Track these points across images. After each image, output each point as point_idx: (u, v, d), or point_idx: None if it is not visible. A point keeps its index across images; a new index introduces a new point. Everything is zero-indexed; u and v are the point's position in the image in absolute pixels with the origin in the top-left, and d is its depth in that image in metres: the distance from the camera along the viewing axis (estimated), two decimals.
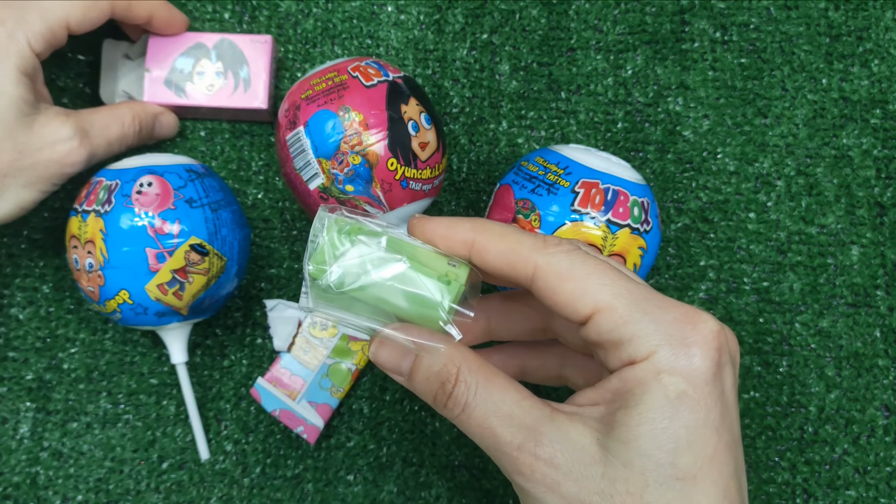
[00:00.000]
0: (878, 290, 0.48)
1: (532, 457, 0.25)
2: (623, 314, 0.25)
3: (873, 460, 0.46)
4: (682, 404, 0.24)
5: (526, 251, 0.26)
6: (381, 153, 0.39)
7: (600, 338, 0.26)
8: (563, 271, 0.26)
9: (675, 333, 0.25)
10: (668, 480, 0.24)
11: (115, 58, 0.48)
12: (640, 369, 0.25)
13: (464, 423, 0.26)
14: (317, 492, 0.46)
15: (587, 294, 0.25)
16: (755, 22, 0.51)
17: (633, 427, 0.24)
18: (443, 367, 0.26)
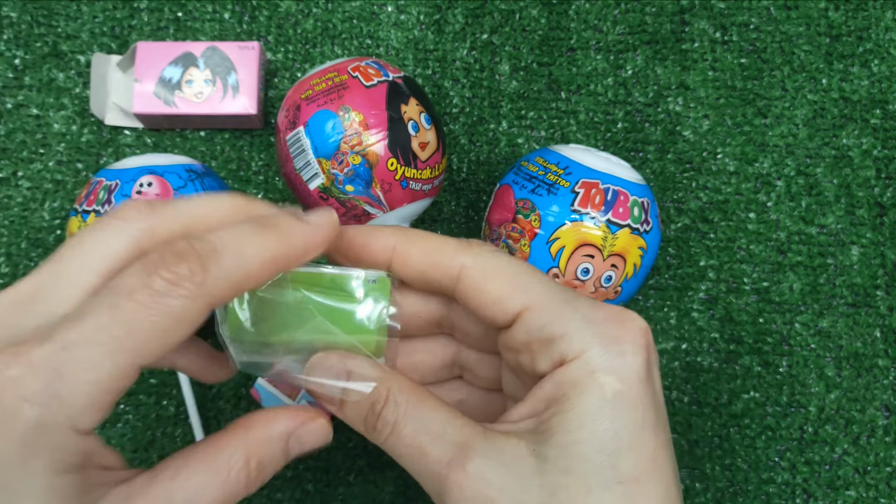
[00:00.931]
0: (878, 290, 0.48)
1: (462, 473, 0.23)
2: (554, 310, 0.25)
3: (873, 460, 0.46)
4: (620, 404, 0.23)
5: (451, 251, 0.26)
6: (381, 153, 0.39)
7: (529, 336, 0.25)
8: (490, 269, 0.25)
9: (606, 331, 0.24)
10: (610, 484, 0.23)
11: (104, 70, 0.49)
12: (574, 369, 0.24)
13: (393, 445, 0.25)
14: (317, 492, 0.46)
15: (516, 291, 0.25)
16: (755, 22, 0.51)
17: (572, 431, 0.23)
18: (372, 390, 0.25)
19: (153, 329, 0.21)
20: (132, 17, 0.51)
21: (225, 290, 0.23)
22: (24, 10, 0.50)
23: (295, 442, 0.25)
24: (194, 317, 0.22)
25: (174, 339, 0.22)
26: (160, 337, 0.21)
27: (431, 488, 0.24)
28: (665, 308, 0.48)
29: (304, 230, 0.24)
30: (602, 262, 0.39)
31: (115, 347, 0.21)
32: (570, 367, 0.24)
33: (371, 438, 0.25)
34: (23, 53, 0.50)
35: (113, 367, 0.21)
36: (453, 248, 0.26)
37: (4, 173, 0.49)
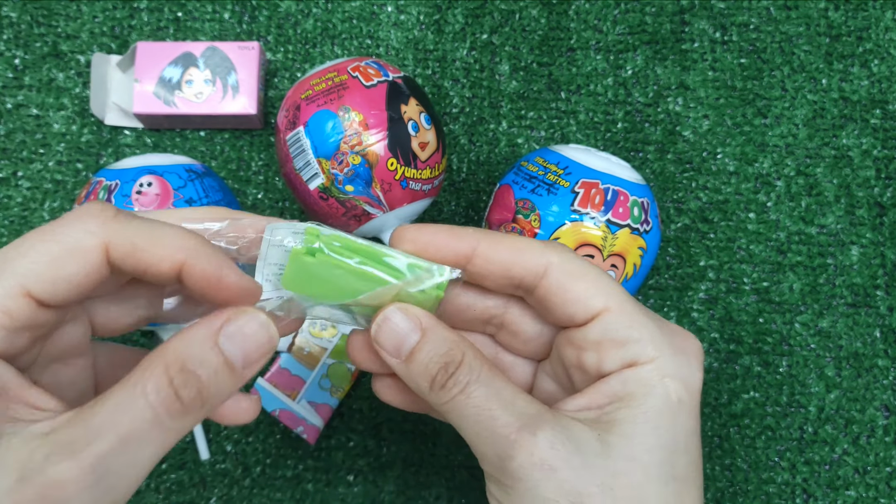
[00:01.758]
0: (878, 290, 0.48)
1: (532, 439, 0.24)
2: (632, 316, 0.26)
3: (873, 460, 0.46)
4: (682, 410, 0.25)
5: (538, 248, 0.27)
6: (380, 153, 0.39)
7: (604, 336, 0.26)
8: (576, 269, 0.27)
9: (675, 343, 0.26)
10: (667, 479, 0.25)
11: (104, 71, 0.49)
12: (645, 371, 0.25)
13: (460, 405, 0.25)
14: (317, 492, 0.46)
15: (599, 293, 0.26)
16: (755, 22, 0.51)
17: (638, 424, 0.25)
18: (448, 350, 0.26)
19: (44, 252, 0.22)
20: (132, 17, 0.51)
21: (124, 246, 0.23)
22: (24, 10, 0.50)
23: (227, 341, 0.23)
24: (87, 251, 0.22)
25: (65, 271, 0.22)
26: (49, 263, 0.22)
27: (492, 450, 0.25)
28: (665, 308, 0.48)
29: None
30: (602, 262, 0.39)
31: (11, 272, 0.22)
32: (642, 368, 0.26)
33: (431, 396, 0.26)
34: (23, 53, 0.50)
35: (2, 289, 0.22)
36: (540, 246, 0.27)
37: (4, 173, 0.49)
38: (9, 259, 0.22)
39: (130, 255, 0.23)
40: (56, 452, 0.21)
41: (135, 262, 0.23)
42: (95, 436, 0.21)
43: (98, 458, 0.21)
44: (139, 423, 0.21)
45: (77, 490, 0.21)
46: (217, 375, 0.23)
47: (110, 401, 0.22)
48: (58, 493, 0.20)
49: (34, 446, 0.21)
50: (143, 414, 0.22)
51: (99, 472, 0.21)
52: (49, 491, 0.20)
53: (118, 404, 0.22)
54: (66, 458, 0.21)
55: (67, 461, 0.21)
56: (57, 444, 0.21)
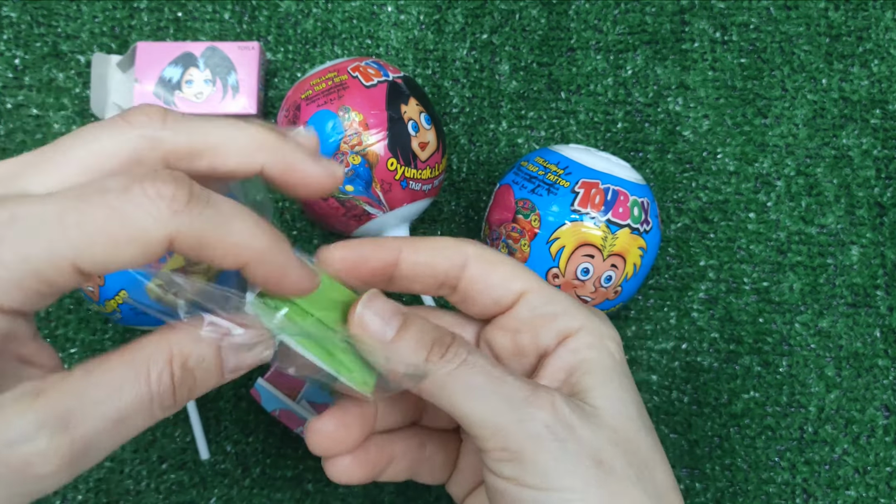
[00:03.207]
0: (878, 290, 0.48)
1: (551, 399, 0.25)
2: (551, 293, 0.28)
3: (873, 460, 0.46)
4: (623, 365, 0.27)
5: (454, 243, 0.28)
6: (380, 153, 0.39)
7: (533, 313, 0.28)
8: (492, 258, 0.28)
9: (591, 309, 0.28)
10: (647, 429, 0.27)
11: (104, 70, 0.49)
12: (586, 336, 0.27)
13: (464, 374, 0.25)
14: (317, 492, 0.46)
15: (517, 276, 0.28)
16: (755, 22, 0.51)
17: (607, 386, 0.26)
18: (437, 327, 0.27)
19: (104, 232, 0.20)
20: (132, 17, 0.51)
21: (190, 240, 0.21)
22: (24, 10, 0.50)
23: (229, 347, 0.23)
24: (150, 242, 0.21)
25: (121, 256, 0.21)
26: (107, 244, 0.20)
27: (505, 417, 0.25)
28: (665, 308, 0.48)
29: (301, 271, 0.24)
30: (602, 261, 0.39)
31: (58, 234, 0.20)
32: (581, 335, 0.27)
33: (428, 367, 0.25)
34: (23, 53, 0.50)
35: (48, 253, 0.20)
36: (455, 241, 0.29)
37: None
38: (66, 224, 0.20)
39: (194, 250, 0.22)
40: (46, 425, 0.20)
41: (196, 256, 0.22)
42: (89, 414, 0.21)
43: (88, 436, 0.20)
44: (135, 409, 0.21)
45: (58, 470, 0.20)
46: (207, 375, 0.23)
47: (112, 377, 0.21)
48: (41, 470, 0.20)
49: (25, 409, 0.20)
50: (141, 401, 0.21)
51: (84, 450, 0.21)
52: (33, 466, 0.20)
53: (117, 386, 0.21)
54: (59, 435, 0.20)
55: (60, 438, 0.20)
56: (51, 415, 0.20)
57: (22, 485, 0.20)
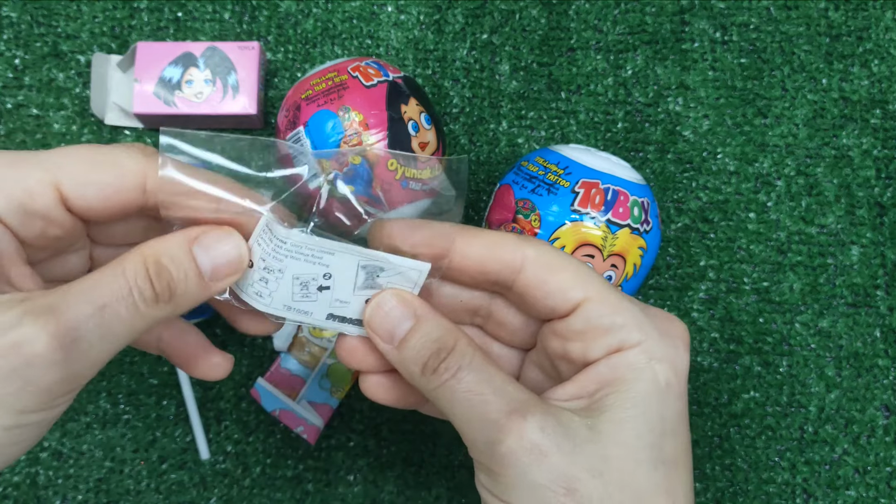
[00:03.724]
0: (878, 290, 0.48)
1: (523, 422, 0.24)
2: (614, 303, 0.26)
3: (873, 460, 0.46)
4: (670, 392, 0.25)
5: (513, 243, 0.27)
6: (381, 153, 0.39)
7: (587, 325, 0.26)
8: (554, 262, 0.27)
9: (659, 326, 0.26)
10: (656, 463, 0.25)
11: (104, 70, 0.49)
12: (632, 355, 0.25)
13: (451, 390, 0.25)
14: (317, 492, 0.46)
15: (578, 284, 0.26)
16: (755, 22, 0.51)
17: (627, 409, 0.25)
18: (441, 336, 0.26)
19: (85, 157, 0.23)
20: (132, 17, 0.51)
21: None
22: (24, 10, 0.50)
23: (200, 250, 0.24)
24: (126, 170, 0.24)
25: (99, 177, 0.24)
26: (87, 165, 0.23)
27: (481, 435, 0.25)
28: (665, 308, 0.48)
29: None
30: (602, 261, 0.39)
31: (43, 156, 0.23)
32: (629, 353, 0.25)
33: (421, 381, 0.26)
34: (23, 53, 0.50)
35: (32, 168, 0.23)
36: (515, 240, 0.27)
37: None
38: (56, 152, 0.23)
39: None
40: (31, 312, 0.21)
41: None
42: (72, 302, 0.22)
43: (73, 321, 0.22)
44: (115, 297, 0.23)
45: (49, 349, 0.21)
46: (187, 278, 0.24)
47: (90, 277, 0.23)
48: (29, 349, 0.21)
49: (10, 306, 0.21)
50: (120, 290, 0.23)
51: (72, 336, 0.21)
52: (20, 348, 0.21)
53: (96, 280, 0.23)
54: (41, 318, 0.21)
55: (42, 320, 0.21)
56: (33, 307, 0.21)
57: (19, 369, 0.21)
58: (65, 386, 0.22)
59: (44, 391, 0.22)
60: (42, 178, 0.23)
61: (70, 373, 0.22)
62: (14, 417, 0.21)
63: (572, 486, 0.23)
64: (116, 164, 0.24)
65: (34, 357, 0.21)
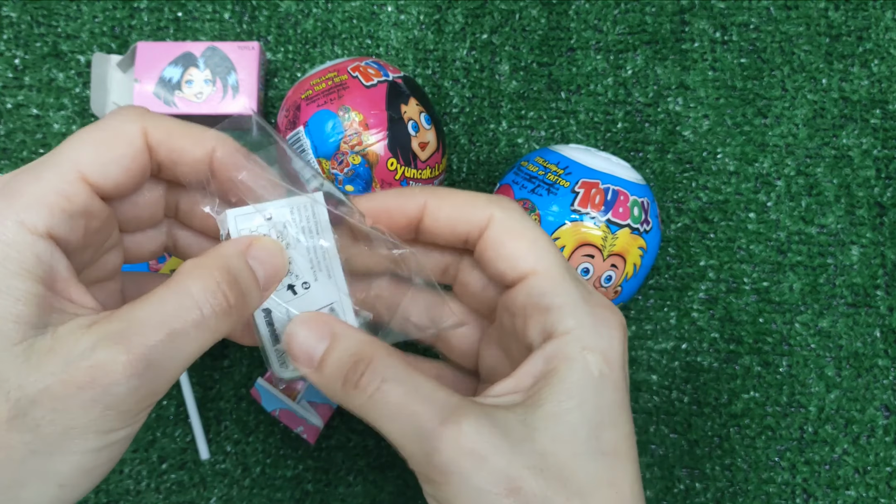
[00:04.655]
0: (878, 290, 0.48)
1: (457, 429, 0.23)
2: (558, 281, 0.26)
3: (873, 460, 0.46)
4: (605, 383, 0.25)
5: (483, 202, 0.27)
6: (381, 153, 0.39)
7: (528, 300, 0.26)
8: (514, 227, 0.27)
9: (596, 313, 0.26)
10: (595, 454, 0.24)
11: (105, 70, 0.49)
12: (565, 342, 0.25)
13: (376, 404, 0.25)
14: (317, 492, 0.46)
15: (530, 253, 0.26)
16: (755, 22, 0.51)
17: (562, 402, 0.24)
18: (359, 348, 0.26)
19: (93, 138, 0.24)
20: (132, 17, 0.51)
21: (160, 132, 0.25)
22: (24, 10, 0.50)
23: (253, 261, 0.25)
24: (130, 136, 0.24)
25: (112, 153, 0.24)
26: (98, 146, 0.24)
27: (416, 448, 0.24)
28: (665, 308, 0.48)
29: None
30: (602, 261, 0.39)
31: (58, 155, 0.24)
32: (561, 341, 0.25)
33: (348, 399, 0.25)
34: (23, 53, 0.50)
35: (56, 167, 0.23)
36: (485, 199, 0.27)
37: (4, 173, 0.49)
38: (63, 149, 0.24)
39: (166, 141, 0.25)
40: (103, 340, 0.22)
41: (170, 147, 0.25)
42: (144, 328, 0.22)
43: (147, 349, 0.22)
44: (184, 321, 0.23)
45: (125, 376, 0.22)
46: (250, 289, 0.25)
47: (154, 299, 0.23)
48: (105, 377, 0.21)
49: (80, 335, 0.22)
50: (189, 313, 0.23)
51: (146, 362, 0.22)
52: (97, 374, 0.21)
53: (164, 302, 0.23)
54: (114, 346, 0.22)
55: (116, 348, 0.22)
56: (104, 334, 0.22)
57: (98, 397, 0.22)
58: (142, 404, 0.23)
59: (124, 412, 0.22)
60: (69, 177, 0.23)
61: (145, 393, 0.23)
62: (101, 439, 0.22)
63: (514, 486, 0.23)
64: (121, 133, 0.25)
65: (111, 385, 0.22)
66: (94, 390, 0.21)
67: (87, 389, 0.21)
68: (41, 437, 0.21)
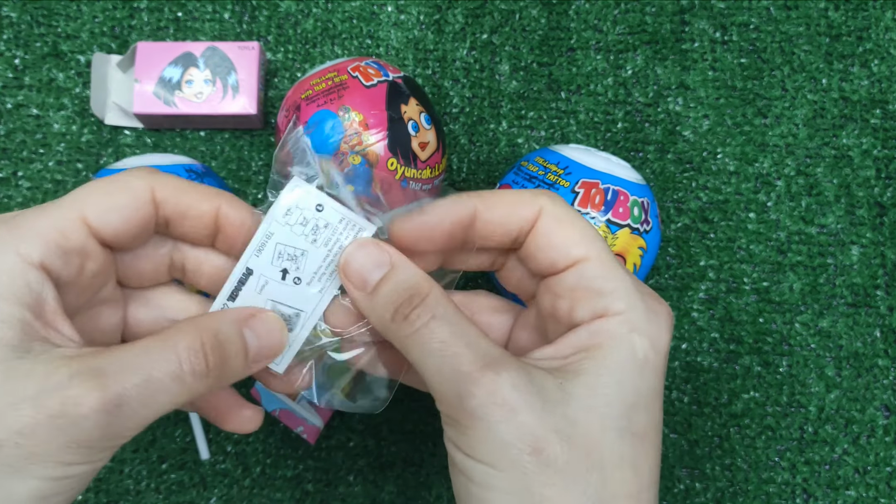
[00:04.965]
0: (878, 290, 0.48)
1: (495, 377, 0.24)
2: (610, 268, 0.26)
3: (873, 460, 0.46)
4: (647, 367, 0.25)
5: (530, 196, 0.27)
6: (380, 153, 0.39)
7: (579, 283, 0.26)
8: (563, 216, 0.27)
9: (647, 302, 0.26)
10: (623, 433, 0.24)
11: (105, 70, 0.49)
12: (614, 322, 0.25)
13: (423, 339, 0.25)
14: (317, 492, 0.46)
15: (582, 241, 0.26)
16: (755, 22, 0.51)
17: (601, 375, 0.25)
18: (415, 283, 0.26)
19: (100, 189, 0.25)
20: (132, 17, 0.51)
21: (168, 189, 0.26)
22: (24, 10, 0.50)
23: (250, 332, 0.26)
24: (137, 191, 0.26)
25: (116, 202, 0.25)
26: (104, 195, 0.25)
27: (452, 388, 0.24)
28: None
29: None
30: None
31: (67, 199, 0.25)
32: (612, 320, 0.25)
33: (392, 329, 0.26)
34: (23, 53, 0.50)
35: (60, 209, 0.25)
36: (531, 194, 0.27)
37: (4, 173, 0.49)
38: (72, 193, 0.25)
39: (173, 197, 0.26)
40: (80, 374, 0.22)
41: (176, 202, 0.26)
42: (123, 369, 0.23)
43: (120, 388, 0.23)
44: (163, 371, 0.23)
45: (95, 412, 0.22)
46: (235, 357, 0.26)
47: (139, 346, 0.24)
48: (75, 410, 0.22)
49: (60, 364, 0.22)
50: (169, 365, 0.24)
51: (117, 402, 0.22)
52: (67, 408, 0.22)
53: (148, 350, 0.24)
54: (91, 381, 0.22)
55: (91, 383, 0.22)
56: (82, 368, 0.22)
57: (65, 428, 0.22)
58: (105, 443, 0.23)
59: (87, 447, 0.23)
60: (70, 216, 0.25)
61: (112, 433, 0.23)
62: (61, 470, 0.23)
63: (538, 446, 0.23)
64: (128, 186, 0.26)
65: (80, 418, 0.22)
66: (62, 420, 0.22)
67: (56, 419, 0.22)
68: (2, 456, 0.22)
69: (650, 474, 0.25)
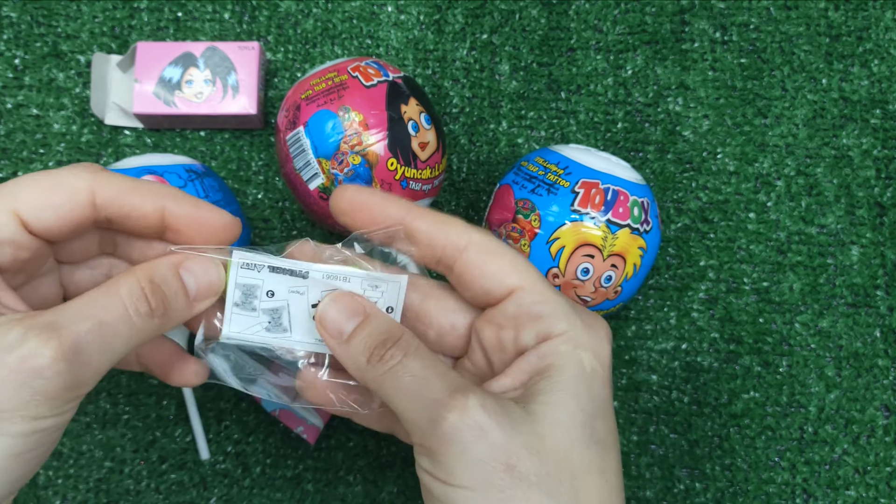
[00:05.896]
0: (878, 290, 0.48)
1: (465, 401, 0.25)
2: (545, 293, 0.28)
3: (873, 460, 0.46)
4: (595, 379, 0.27)
5: (461, 225, 0.29)
6: (380, 153, 0.39)
7: (519, 311, 0.28)
8: (494, 249, 0.28)
9: (585, 318, 0.28)
10: (588, 442, 0.26)
11: (105, 70, 0.49)
12: (559, 342, 0.27)
13: (396, 376, 0.26)
14: (317, 492, 0.46)
15: (514, 271, 0.28)
16: (755, 22, 0.51)
17: (558, 391, 0.26)
18: (389, 328, 0.28)
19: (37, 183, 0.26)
20: (132, 17, 0.51)
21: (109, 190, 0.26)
22: (24, 10, 0.50)
23: (185, 273, 0.27)
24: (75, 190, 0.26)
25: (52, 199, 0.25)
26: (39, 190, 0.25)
27: (424, 415, 0.26)
28: (665, 308, 0.48)
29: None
30: (602, 262, 0.39)
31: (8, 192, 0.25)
32: (557, 340, 0.27)
33: (367, 371, 0.27)
34: (23, 53, 0.50)
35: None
36: (463, 224, 0.29)
37: (4, 173, 0.49)
38: (8, 186, 0.26)
39: (116, 199, 0.26)
40: (33, 329, 0.23)
41: (119, 205, 0.27)
42: (73, 318, 0.24)
43: (74, 336, 0.24)
44: (112, 315, 0.25)
45: (53, 360, 0.23)
46: (176, 297, 0.27)
47: (84, 298, 0.25)
48: (35, 363, 0.23)
49: (12, 325, 0.23)
50: (116, 308, 0.25)
51: (74, 350, 0.24)
52: (27, 362, 0.23)
53: (94, 299, 0.25)
54: (45, 333, 0.23)
55: (46, 335, 0.23)
56: (34, 324, 0.23)
57: (28, 381, 0.23)
58: (70, 393, 0.24)
59: (52, 399, 0.24)
60: (2, 208, 0.25)
61: (74, 381, 0.24)
62: (30, 424, 0.23)
63: (511, 463, 0.25)
64: (66, 185, 0.26)
65: (41, 369, 0.23)
66: (24, 375, 0.23)
67: (17, 374, 0.23)
68: None
69: (616, 478, 0.27)
